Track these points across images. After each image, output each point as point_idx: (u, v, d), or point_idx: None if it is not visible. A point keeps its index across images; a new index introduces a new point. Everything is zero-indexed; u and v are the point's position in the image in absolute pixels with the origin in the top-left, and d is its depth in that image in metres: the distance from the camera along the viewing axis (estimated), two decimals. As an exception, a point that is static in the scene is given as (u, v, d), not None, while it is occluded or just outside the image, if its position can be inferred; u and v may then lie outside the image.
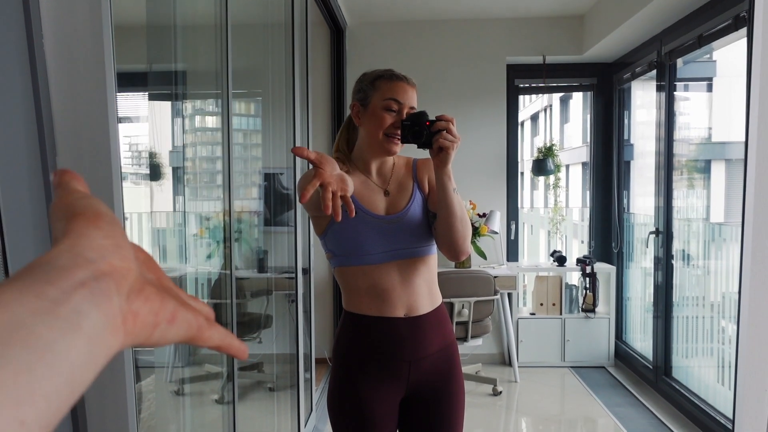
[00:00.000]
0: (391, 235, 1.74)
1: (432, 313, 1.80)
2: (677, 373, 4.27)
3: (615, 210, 5.31)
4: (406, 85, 1.74)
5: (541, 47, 5.14)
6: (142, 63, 2.29)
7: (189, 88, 2.74)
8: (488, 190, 5.16)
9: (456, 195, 1.69)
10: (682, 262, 4.29)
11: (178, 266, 4.65)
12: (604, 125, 5.42)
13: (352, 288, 1.79)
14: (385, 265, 1.74)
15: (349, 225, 1.74)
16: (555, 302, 5.10)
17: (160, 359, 4.39)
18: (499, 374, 4.82)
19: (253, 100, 3.64)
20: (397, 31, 5.13)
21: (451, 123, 1.62)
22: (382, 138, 1.72)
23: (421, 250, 1.78)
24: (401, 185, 1.82)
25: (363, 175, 1.81)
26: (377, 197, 1.79)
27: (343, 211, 1.60)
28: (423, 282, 1.78)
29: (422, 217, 1.78)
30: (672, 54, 4.18)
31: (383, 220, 1.76)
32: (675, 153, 4.32)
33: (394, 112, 1.72)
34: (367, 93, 1.76)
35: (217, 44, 2.39)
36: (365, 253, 1.74)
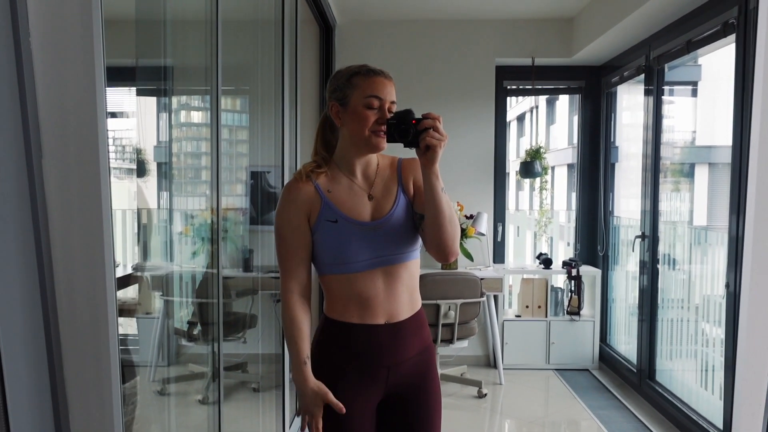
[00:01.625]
0: (375, 241, 1.73)
1: (411, 319, 1.80)
2: (661, 377, 4.29)
3: (601, 213, 5.33)
4: (384, 79, 1.71)
5: (530, 49, 5.14)
6: (130, 57, 2.25)
7: (177, 84, 2.70)
8: (475, 191, 5.16)
9: (444, 195, 1.67)
10: (667, 266, 4.32)
11: (163, 264, 4.59)
12: (591, 128, 5.44)
13: (335, 295, 1.79)
14: (369, 273, 1.74)
15: (333, 234, 1.73)
16: (540, 305, 5.10)
17: (144, 358, 4.33)
18: (485, 376, 4.82)
19: (242, 97, 3.61)
20: (386, 30, 5.11)
21: (437, 121, 1.59)
22: (368, 135, 1.69)
23: (405, 255, 1.77)
24: (386, 188, 1.79)
25: (347, 178, 1.78)
26: (361, 202, 1.76)
27: (326, 222, 1.73)
28: (404, 289, 1.78)
29: (406, 222, 1.76)
30: (660, 59, 4.19)
31: (367, 226, 1.74)
32: (663, 157, 4.34)
33: (376, 109, 1.68)
34: (345, 92, 1.71)
35: (206, 40, 2.35)
36: (349, 262, 1.73)
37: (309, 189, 1.75)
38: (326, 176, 1.78)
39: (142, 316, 4.51)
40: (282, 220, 1.77)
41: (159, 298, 4.48)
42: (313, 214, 1.75)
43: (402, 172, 1.81)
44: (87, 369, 1.34)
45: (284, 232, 1.77)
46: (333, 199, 1.75)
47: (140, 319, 4.52)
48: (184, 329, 4.01)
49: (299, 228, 1.75)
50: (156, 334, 4.45)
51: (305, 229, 1.75)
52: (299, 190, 1.75)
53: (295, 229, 1.75)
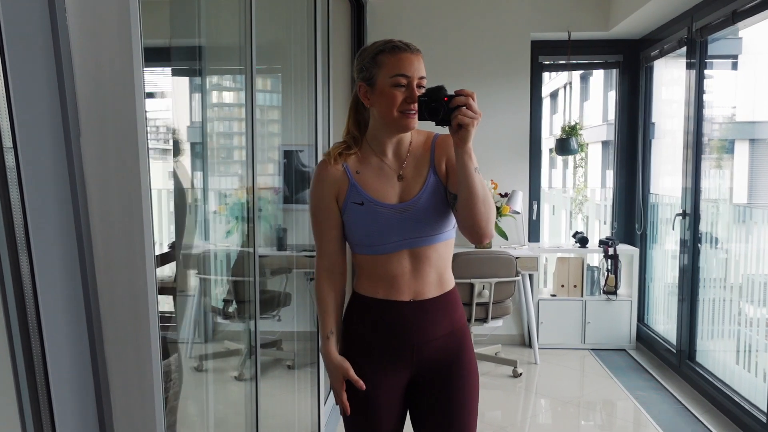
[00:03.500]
0: (403, 224, 1.71)
1: (440, 298, 1.77)
2: (701, 358, 4.20)
3: (639, 191, 5.21)
4: (410, 54, 1.65)
5: (566, 23, 5.01)
6: (164, 38, 2.24)
7: (211, 63, 2.69)
8: (510, 169, 5.08)
9: (478, 175, 1.61)
10: (708, 244, 4.21)
11: (199, 243, 4.64)
12: (629, 104, 5.30)
13: (363, 272, 1.79)
14: (396, 254, 1.73)
15: (360, 217, 1.72)
16: (576, 284, 5.03)
17: (181, 335, 4.40)
18: (519, 356, 4.79)
19: (274, 75, 3.58)
20: (418, 6, 5.03)
21: (470, 98, 1.53)
22: (397, 116, 1.65)
23: (434, 238, 1.74)
24: (417, 167, 1.75)
25: (377, 158, 1.75)
26: (389, 183, 1.73)
27: (353, 205, 1.73)
28: (433, 270, 1.76)
29: (436, 203, 1.72)
30: (703, 31, 4.05)
31: (395, 209, 1.72)
32: (703, 133, 4.21)
33: (404, 87, 1.63)
34: (371, 71, 1.67)
35: (240, 19, 2.33)
36: (377, 245, 1.73)
37: (337, 170, 1.74)
38: (356, 157, 1.76)
39: (179, 294, 4.57)
40: (313, 199, 1.79)
41: (195, 277, 4.53)
42: (341, 196, 1.75)
43: (435, 150, 1.76)
44: (127, 348, 1.35)
45: (315, 212, 1.79)
46: (360, 181, 1.73)
47: (177, 297, 4.58)
48: (220, 307, 4.06)
49: (329, 208, 1.76)
50: (192, 312, 4.51)
51: (335, 210, 1.76)
52: (328, 171, 1.75)
53: (325, 209, 1.77)
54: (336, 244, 1.80)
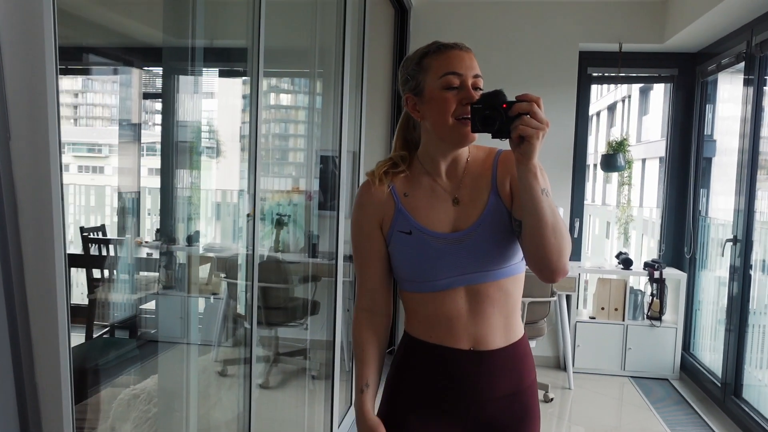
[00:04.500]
0: (458, 256, 1.45)
1: (506, 349, 1.49)
2: (748, 393, 3.92)
3: (690, 212, 4.94)
4: (459, 52, 1.43)
5: (617, 34, 4.80)
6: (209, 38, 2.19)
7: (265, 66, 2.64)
8: (552, 184, 4.86)
9: (547, 198, 1.32)
10: (761, 272, 3.93)
11: (229, 246, 4.60)
12: (683, 120, 5.04)
13: (412, 312, 1.54)
14: (450, 292, 1.46)
15: (408, 248, 1.48)
16: (618, 307, 4.79)
17: (207, 337, 4.36)
18: (552, 379, 4.58)
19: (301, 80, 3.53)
20: (464, 13, 4.89)
21: (535, 104, 1.26)
22: (453, 124, 1.40)
23: (497, 272, 1.46)
24: (475, 189, 1.49)
25: (429, 179, 1.51)
26: (442, 208, 1.48)
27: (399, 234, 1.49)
28: (497, 312, 1.47)
29: (498, 231, 1.45)
30: (764, 45, 3.79)
31: (448, 239, 1.46)
32: (761, 152, 3.94)
33: (457, 89, 1.40)
34: (418, 78, 1.44)
35: (249, 22, 2.25)
36: (426, 280, 1.47)
37: (382, 192, 1.51)
38: (405, 177, 1.53)
39: (208, 296, 4.55)
40: (354, 226, 1.56)
41: (223, 280, 4.50)
42: (386, 223, 1.52)
43: (498, 168, 1.49)
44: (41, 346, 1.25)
45: (357, 240, 1.56)
46: (408, 206, 1.49)
47: (207, 298, 4.56)
48: (243, 313, 4.01)
49: (371, 236, 1.53)
50: (220, 316, 4.48)
51: (379, 238, 1.53)
52: (371, 193, 1.52)
53: (367, 238, 1.54)
54: (379, 280, 1.55)
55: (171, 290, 3.89)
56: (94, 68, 4.35)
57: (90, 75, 5.07)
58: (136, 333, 3.99)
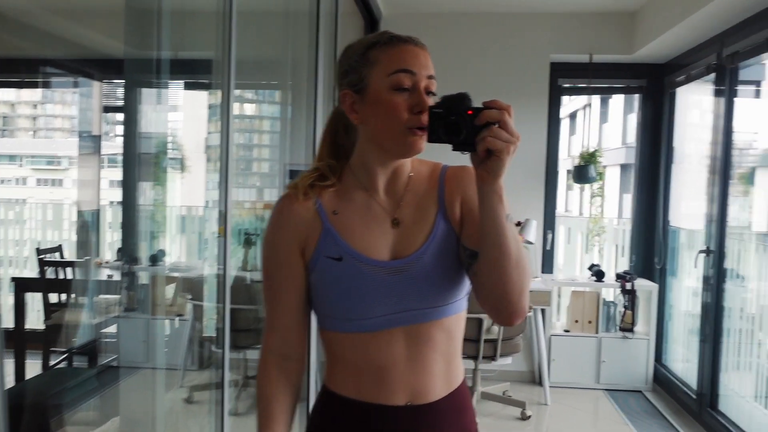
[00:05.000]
0: (398, 289, 1.20)
1: (448, 399, 1.25)
2: (725, 405, 3.91)
3: (660, 222, 4.94)
4: (414, 47, 1.19)
5: (588, 45, 4.78)
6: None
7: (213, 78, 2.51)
8: (524, 196, 4.83)
9: (510, 225, 1.12)
10: (732, 281, 3.93)
11: (198, 265, 4.42)
12: (651, 130, 5.05)
13: (337, 359, 1.26)
14: (386, 333, 1.20)
15: (335, 277, 1.21)
16: (591, 320, 4.76)
17: (173, 361, 4.15)
18: (528, 394, 4.51)
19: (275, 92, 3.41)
20: (435, 24, 4.82)
21: (506, 113, 1.06)
22: (401, 132, 1.16)
23: (443, 310, 1.22)
24: (419, 210, 1.25)
25: (363, 194, 1.25)
26: (380, 230, 1.23)
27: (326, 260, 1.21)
28: (440, 357, 1.23)
29: (446, 261, 1.21)
30: (735, 57, 3.80)
31: (386, 268, 1.20)
32: (733, 164, 3.95)
33: (408, 91, 1.16)
34: (361, 72, 1.19)
35: (219, 32, 2.14)
36: (359, 319, 1.21)
37: (306, 209, 1.24)
38: (335, 191, 1.26)
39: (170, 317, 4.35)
40: (268, 248, 1.27)
41: (189, 302, 4.31)
42: (309, 246, 1.23)
43: (445, 187, 1.26)
44: None
45: (270, 266, 1.27)
46: (338, 226, 1.23)
47: (172, 320, 4.36)
48: (214, 335, 3.85)
49: (289, 262, 1.24)
50: (185, 339, 4.29)
51: (298, 265, 1.24)
52: (292, 209, 1.25)
53: (284, 264, 1.25)
54: (295, 316, 1.27)
55: (133, 313, 3.72)
56: (53, 80, 4.16)
57: (50, 87, 4.86)
58: (96, 360, 3.80)
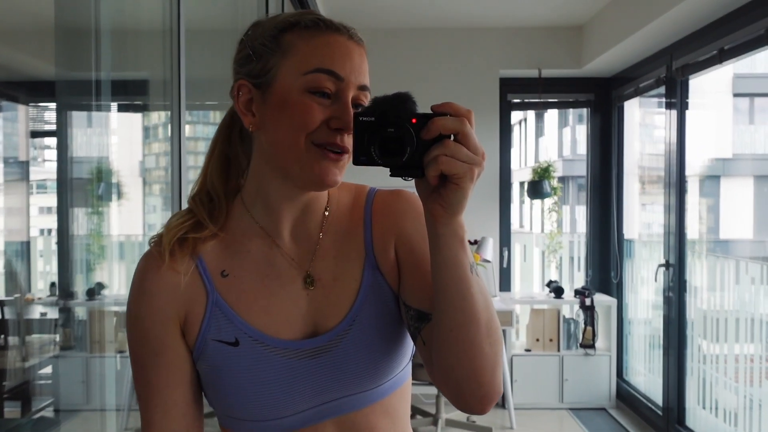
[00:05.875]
0: (318, 377, 0.88)
1: None
2: (693, 421, 3.86)
3: (614, 236, 4.92)
4: (347, 41, 0.86)
5: (536, 60, 4.74)
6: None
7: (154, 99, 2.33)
8: (479, 214, 4.73)
9: (477, 279, 0.81)
10: (692, 292, 3.92)
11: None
12: (600, 144, 5.04)
13: None
14: (310, 430, 0.89)
15: (233, 369, 0.87)
16: (552, 337, 4.67)
17: (110, 402, 3.83)
18: (493, 418, 4.37)
19: (217, 112, 3.23)
20: (381, 40, 4.69)
21: (467, 121, 0.77)
22: (308, 152, 0.84)
23: (383, 389, 0.92)
24: (341, 258, 0.93)
25: (262, 242, 0.92)
26: (289, 296, 0.91)
27: (216, 344, 0.88)
28: None
29: (382, 326, 0.90)
30: (685, 69, 3.81)
31: (301, 350, 0.88)
32: (687, 176, 3.95)
33: (328, 98, 0.84)
34: (269, 60, 0.86)
35: (166, 51, 1.95)
36: (270, 418, 0.88)
37: (179, 274, 0.89)
38: (220, 241, 0.92)
39: (111, 355, 4.03)
40: (134, 329, 0.90)
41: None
42: (191, 325, 0.90)
43: (374, 223, 0.94)
44: None
45: (138, 353, 0.91)
46: (230, 294, 0.90)
47: (112, 358, 4.04)
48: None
49: (164, 350, 0.90)
50: (130, 376, 3.97)
51: (177, 353, 0.90)
52: (159, 278, 0.89)
53: (157, 353, 0.90)
54: (182, 421, 0.91)
55: (70, 351, 3.42)
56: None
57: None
58: (30, 405, 3.47)
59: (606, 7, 4.21)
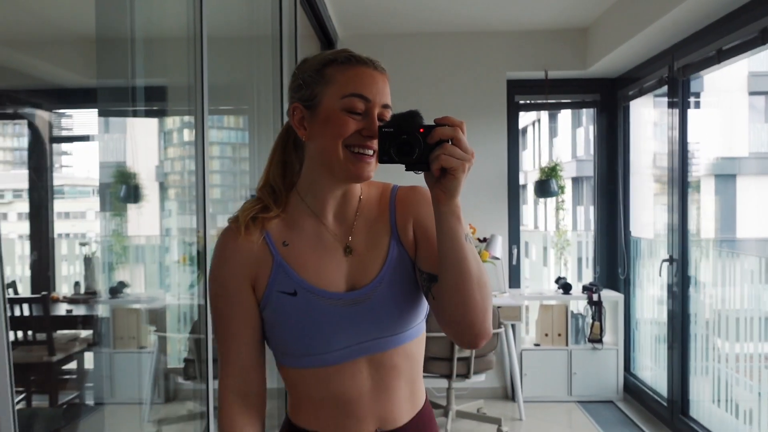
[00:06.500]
0: (357, 320, 1.17)
1: (415, 420, 1.25)
2: (696, 411, 3.96)
3: (621, 234, 5.03)
4: (374, 72, 1.16)
5: (542, 62, 4.87)
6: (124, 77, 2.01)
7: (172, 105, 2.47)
8: (488, 212, 4.86)
9: (470, 245, 1.10)
10: (695, 287, 4.02)
11: (157, 295, 4.28)
12: (607, 143, 5.16)
13: (300, 394, 1.23)
14: (348, 365, 1.18)
15: (291, 312, 1.17)
16: (561, 332, 4.79)
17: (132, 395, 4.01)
18: (503, 410, 4.50)
19: (241, 116, 3.37)
20: (390, 45, 4.84)
21: (459, 129, 1.06)
22: (344, 155, 1.13)
23: (403, 336, 1.21)
24: (372, 235, 1.22)
25: (313, 221, 1.22)
26: (333, 260, 1.20)
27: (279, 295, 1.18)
28: (404, 383, 1.23)
29: (404, 287, 1.20)
30: (686, 69, 3.92)
31: (343, 300, 1.17)
32: (690, 174, 4.05)
33: (360, 115, 1.13)
34: (315, 89, 1.16)
35: (190, 58, 2.09)
36: (319, 354, 1.17)
37: (252, 244, 1.19)
38: (282, 220, 1.22)
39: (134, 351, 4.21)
40: (216, 286, 1.22)
41: (153, 333, 4.18)
42: (260, 282, 1.19)
43: (396, 210, 1.24)
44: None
45: (220, 305, 1.22)
46: (290, 258, 1.19)
47: (134, 354, 4.22)
48: (181, 366, 3.74)
49: (240, 300, 1.20)
50: (151, 371, 4.14)
51: (249, 303, 1.20)
52: (237, 244, 1.19)
53: (233, 304, 1.20)
54: (251, 354, 1.22)
55: (95, 347, 3.60)
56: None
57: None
58: (56, 398, 3.65)
59: (609, 10, 4.33)
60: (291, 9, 3.33)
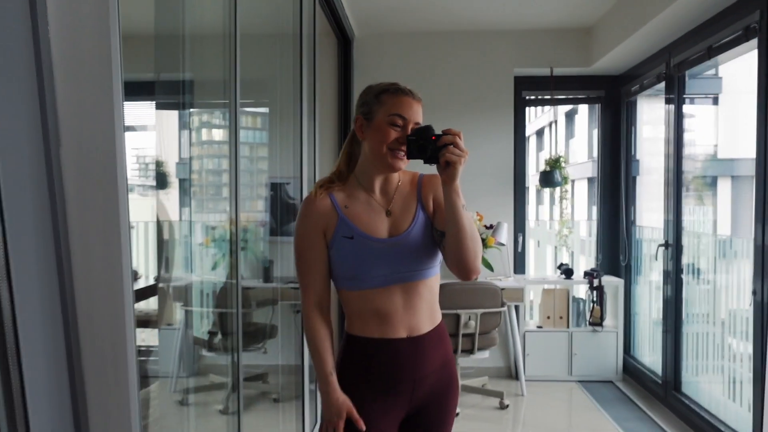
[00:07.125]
0: (393, 258, 1.74)
1: (432, 332, 1.81)
2: (687, 388, 4.21)
3: (623, 223, 5.27)
4: (411, 100, 1.73)
5: (548, 59, 5.13)
6: (149, 72, 2.28)
7: (198, 98, 2.73)
8: (495, 202, 5.13)
9: (465, 212, 1.67)
10: (691, 275, 4.25)
11: (184, 275, 4.61)
12: (611, 138, 5.40)
13: (353, 310, 1.80)
14: (387, 289, 1.74)
15: (349, 250, 1.74)
16: (562, 315, 5.05)
17: (165, 369, 4.36)
18: (506, 387, 4.77)
19: (262, 109, 3.64)
20: (404, 43, 5.13)
21: (457, 137, 1.61)
22: (386, 153, 1.71)
23: (423, 272, 1.77)
24: (405, 204, 1.80)
25: (365, 194, 1.80)
26: (379, 219, 1.78)
27: (342, 239, 1.75)
28: (425, 304, 1.79)
29: (424, 239, 1.77)
30: (681, 66, 4.16)
31: (385, 243, 1.75)
32: (684, 167, 4.29)
33: (399, 128, 1.70)
34: (372, 107, 1.74)
35: (225, 54, 2.38)
36: (367, 279, 1.74)
37: (325, 204, 1.77)
38: (344, 192, 1.80)
39: (164, 327, 4.54)
40: (299, 235, 1.80)
41: (180, 309, 4.51)
42: (329, 230, 1.77)
43: (422, 189, 1.82)
44: (106, 377, 1.35)
45: (301, 248, 1.80)
46: (350, 215, 1.76)
47: (162, 330, 4.55)
48: (205, 339, 4.03)
49: (316, 244, 1.77)
50: (177, 345, 4.47)
51: (322, 245, 1.77)
52: (315, 205, 1.77)
53: (312, 245, 1.78)
54: (324, 281, 1.80)
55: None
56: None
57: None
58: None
59: (612, 9, 4.57)
60: (310, 8, 3.58)
